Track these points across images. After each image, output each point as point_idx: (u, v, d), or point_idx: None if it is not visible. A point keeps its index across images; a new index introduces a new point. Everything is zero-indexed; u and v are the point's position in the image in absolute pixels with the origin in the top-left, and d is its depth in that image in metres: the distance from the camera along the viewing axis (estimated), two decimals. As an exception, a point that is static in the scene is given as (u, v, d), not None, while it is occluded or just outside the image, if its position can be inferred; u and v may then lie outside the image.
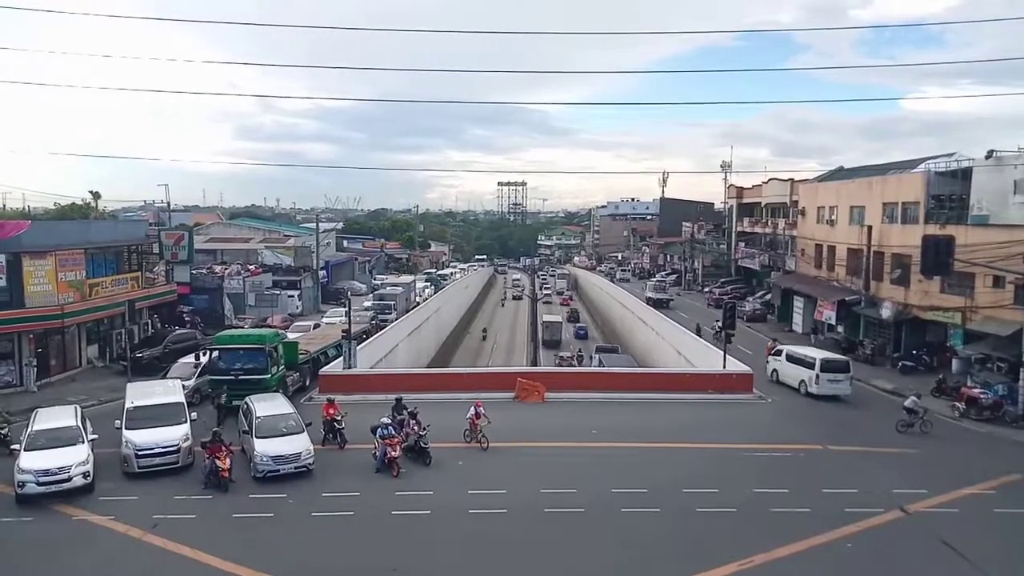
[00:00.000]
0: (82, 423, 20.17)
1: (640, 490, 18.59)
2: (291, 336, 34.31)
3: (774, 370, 32.49)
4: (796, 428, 24.87)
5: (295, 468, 19.60)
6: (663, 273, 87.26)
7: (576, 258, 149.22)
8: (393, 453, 19.92)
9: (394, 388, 26.76)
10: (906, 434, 24.13)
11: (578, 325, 66.04)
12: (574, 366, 44.48)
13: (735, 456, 21.91)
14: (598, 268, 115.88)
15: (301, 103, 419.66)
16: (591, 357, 45.17)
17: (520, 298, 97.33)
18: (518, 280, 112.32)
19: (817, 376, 29.53)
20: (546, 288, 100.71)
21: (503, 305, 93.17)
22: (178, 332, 38.88)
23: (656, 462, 21.27)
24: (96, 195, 74.52)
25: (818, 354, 30.99)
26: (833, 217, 45.66)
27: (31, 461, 18.13)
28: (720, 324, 42.86)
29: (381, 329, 42.48)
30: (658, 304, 57.89)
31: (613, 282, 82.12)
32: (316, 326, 43.48)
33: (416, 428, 21.20)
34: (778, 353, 33.03)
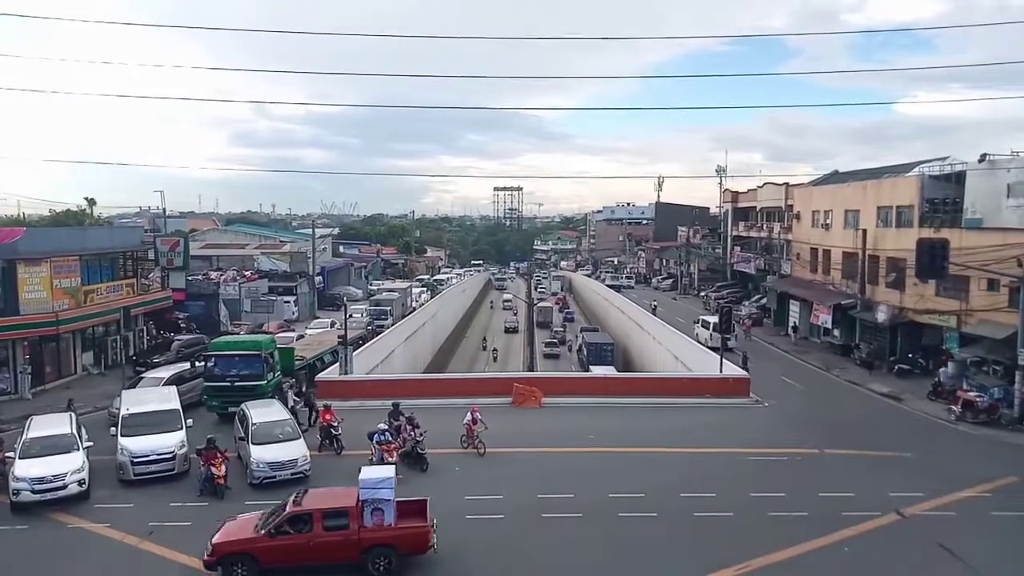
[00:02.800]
0: (77, 430, 20.09)
1: (637, 494, 18.58)
2: None
3: (696, 333, 44.78)
4: (792, 432, 24.88)
5: (291, 474, 19.54)
6: (660, 278, 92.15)
7: (563, 262, 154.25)
8: (390, 459, 19.88)
9: (390, 394, 26.64)
10: None
11: (567, 311, 79.21)
12: (566, 341, 60.48)
13: (732, 460, 21.91)
14: (582, 271, 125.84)
15: (296, 109, 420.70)
16: (576, 336, 58.87)
17: (515, 331, 70.42)
18: (510, 302, 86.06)
19: (711, 335, 41.79)
20: (541, 288, 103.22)
21: (494, 358, 59.03)
22: (187, 338, 39.08)
23: (653, 466, 21.26)
24: (91, 201, 74.53)
25: (712, 319, 44.00)
26: (828, 221, 45.77)
27: (26, 469, 18.06)
28: (655, 304, 58.98)
29: (377, 335, 42.39)
30: (616, 288, 78.86)
31: (596, 280, 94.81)
32: (300, 337, 40.50)
33: (413, 434, 21.18)
34: (697, 321, 48.29)
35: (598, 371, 40.51)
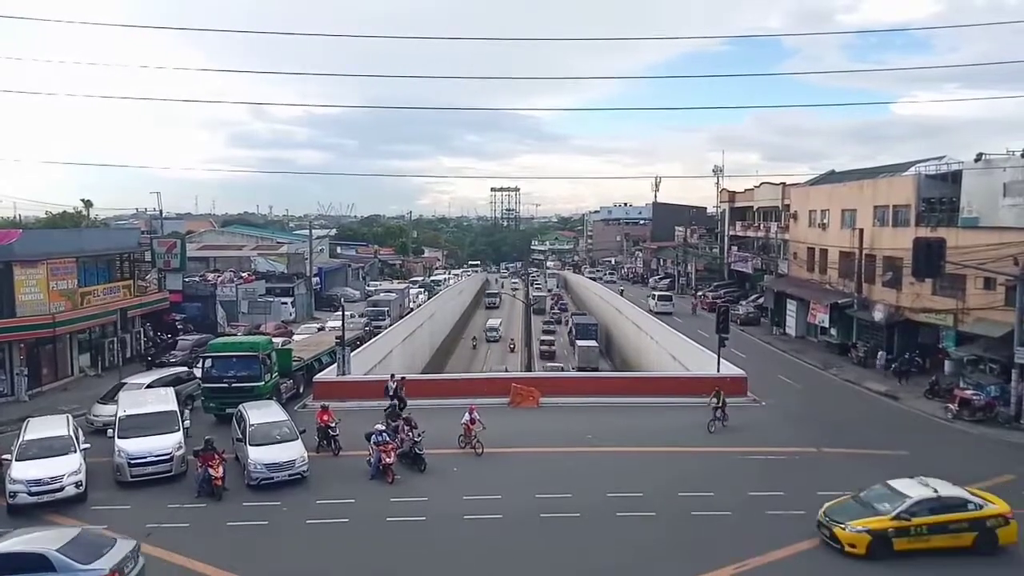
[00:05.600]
0: (74, 432, 20.04)
1: (635, 494, 18.59)
2: None
3: (647, 301, 60.71)
4: (790, 431, 24.91)
5: (289, 475, 19.53)
6: (657, 278, 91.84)
7: (549, 262, 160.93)
8: (388, 460, 19.88)
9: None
10: None
11: (561, 303, 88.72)
12: (562, 321, 73.50)
13: (730, 459, 21.92)
14: (568, 269, 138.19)
15: (294, 110, 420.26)
16: (569, 320, 69.64)
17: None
18: (496, 331, 68.44)
19: (655, 303, 59.49)
20: (537, 285, 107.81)
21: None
22: (197, 337, 39.52)
23: (651, 466, 21.28)
24: (88, 203, 74.21)
25: (659, 292, 64.46)
26: (825, 220, 45.84)
27: (23, 471, 18.02)
28: (623, 289, 77.23)
29: (375, 335, 42.33)
30: (594, 279, 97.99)
31: (590, 279, 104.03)
32: (286, 343, 37.83)
33: (411, 434, 21.16)
34: (648, 295, 64.55)
35: (583, 344, 53.14)
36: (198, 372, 30.83)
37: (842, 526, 15.30)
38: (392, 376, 27.85)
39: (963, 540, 15.10)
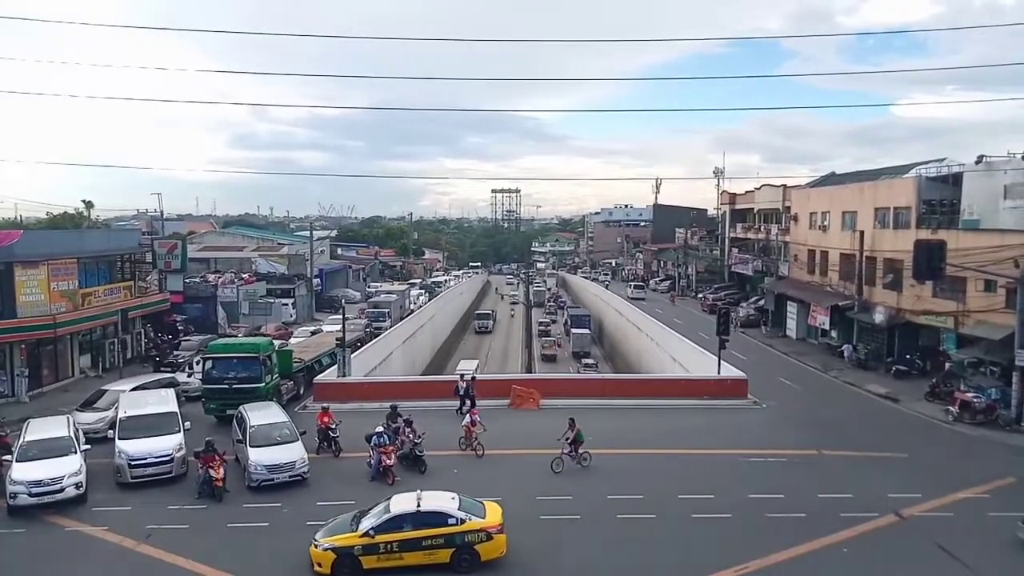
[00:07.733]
0: (75, 434, 20.04)
1: (635, 496, 18.59)
2: None
3: (625, 289, 73.86)
4: (791, 433, 24.90)
5: (289, 477, 19.55)
6: (657, 279, 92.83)
7: (540, 264, 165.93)
8: (388, 461, 19.90)
9: (389, 396, 26.65)
10: None
11: (560, 300, 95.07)
12: (558, 312, 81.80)
13: (730, 462, 21.91)
14: (561, 270, 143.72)
15: (295, 112, 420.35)
16: (564, 314, 75.82)
17: None
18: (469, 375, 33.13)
19: (631, 291, 74.02)
20: (536, 285, 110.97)
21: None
22: (204, 338, 39.79)
23: (651, 468, 21.27)
24: (89, 204, 74.34)
25: (632, 282, 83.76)
26: (825, 223, 45.84)
27: (23, 472, 18.03)
28: (608, 283, 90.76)
29: (375, 337, 42.31)
30: (586, 279, 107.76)
31: (583, 278, 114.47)
32: (283, 345, 35.76)
33: (411, 436, 21.17)
34: (627, 285, 78.57)
35: (577, 332, 60.46)
36: (182, 377, 31.07)
37: (316, 543, 14.65)
38: (462, 376, 28.68)
39: (439, 557, 14.56)
